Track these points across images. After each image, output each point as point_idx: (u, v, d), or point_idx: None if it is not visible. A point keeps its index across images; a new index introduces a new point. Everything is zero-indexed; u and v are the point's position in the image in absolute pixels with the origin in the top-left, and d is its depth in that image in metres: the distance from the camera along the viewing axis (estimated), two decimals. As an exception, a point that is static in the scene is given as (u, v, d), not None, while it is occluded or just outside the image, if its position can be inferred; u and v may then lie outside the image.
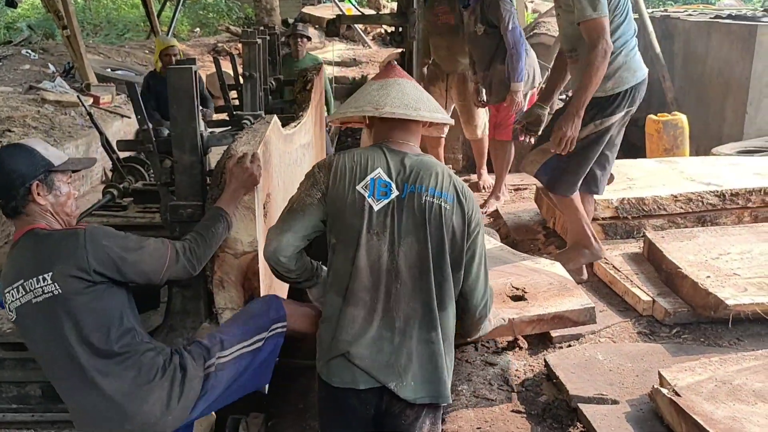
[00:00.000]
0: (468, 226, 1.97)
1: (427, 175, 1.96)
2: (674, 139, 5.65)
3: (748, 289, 2.98)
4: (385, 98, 2.00)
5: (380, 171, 1.96)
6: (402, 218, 1.92)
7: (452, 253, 1.95)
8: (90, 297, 1.97)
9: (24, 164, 2.04)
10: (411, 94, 2.02)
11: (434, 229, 1.93)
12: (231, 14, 17.88)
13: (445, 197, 1.94)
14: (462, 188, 1.99)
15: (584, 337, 3.10)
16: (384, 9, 16.80)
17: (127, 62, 10.83)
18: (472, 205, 1.99)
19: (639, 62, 3.40)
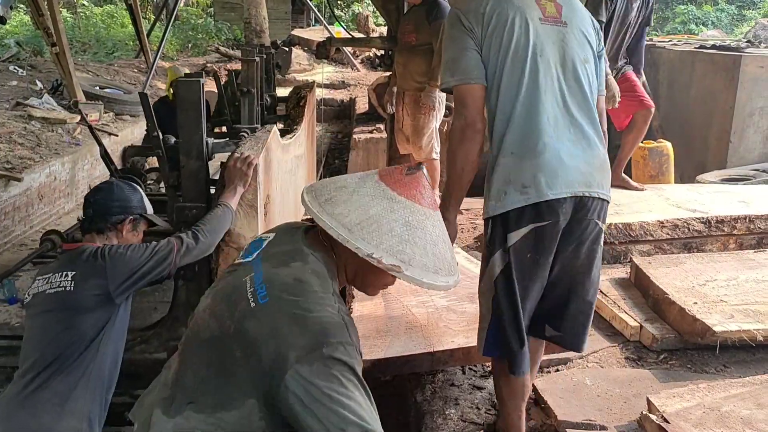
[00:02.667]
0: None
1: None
2: (660, 165, 5.71)
3: (735, 316, 3.00)
4: (413, 248, 1.48)
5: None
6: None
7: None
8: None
9: (130, 200, 2.46)
10: (437, 248, 1.52)
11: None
12: (220, 35, 17.98)
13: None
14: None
15: (572, 362, 3.10)
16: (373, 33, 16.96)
17: (116, 80, 10.82)
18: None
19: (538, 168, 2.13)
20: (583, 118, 2.18)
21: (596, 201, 2.19)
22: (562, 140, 2.14)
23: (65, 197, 7.03)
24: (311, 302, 1.43)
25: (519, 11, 2.18)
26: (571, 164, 2.12)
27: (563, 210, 2.12)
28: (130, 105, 9.23)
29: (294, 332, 1.38)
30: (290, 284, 1.46)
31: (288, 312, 1.41)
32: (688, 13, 22.41)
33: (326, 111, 11.40)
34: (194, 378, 1.49)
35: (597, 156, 2.20)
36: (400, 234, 1.48)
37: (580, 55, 2.22)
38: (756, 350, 3.01)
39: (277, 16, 19.62)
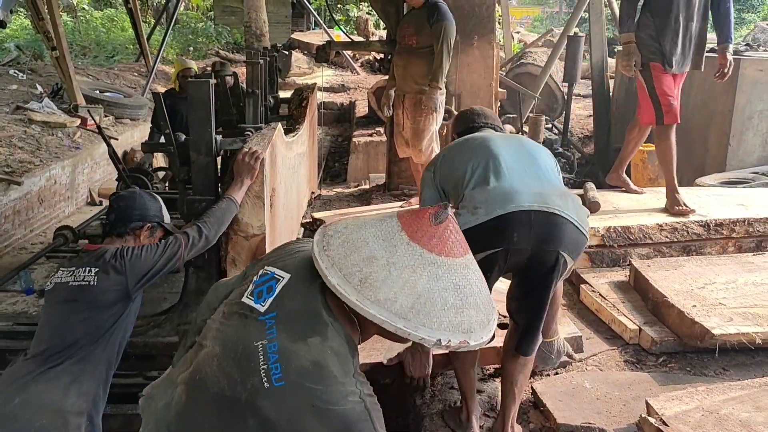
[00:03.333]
0: None
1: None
2: (659, 169, 5.71)
3: (734, 319, 3.01)
4: (469, 312, 1.34)
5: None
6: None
7: None
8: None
9: (150, 209, 2.68)
10: (484, 292, 1.40)
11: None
12: (220, 39, 18.00)
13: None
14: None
15: (571, 365, 3.10)
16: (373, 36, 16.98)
17: (116, 84, 10.84)
18: None
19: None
20: (538, 171, 2.45)
21: (560, 225, 2.26)
22: (515, 177, 2.37)
23: (65, 201, 7.03)
24: (331, 392, 1.33)
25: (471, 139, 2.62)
26: (523, 189, 2.31)
27: (514, 238, 2.24)
28: (130, 108, 9.25)
29: (315, 428, 1.31)
30: (308, 369, 1.34)
31: (307, 403, 1.32)
32: (687, 16, 22.39)
33: (326, 114, 11.42)
34: (203, 424, 1.42)
35: (556, 189, 2.41)
36: (454, 303, 1.32)
37: (529, 143, 2.65)
38: (755, 353, 3.01)
39: (277, 20, 19.65)
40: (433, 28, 4.98)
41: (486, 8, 5.92)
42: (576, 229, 2.31)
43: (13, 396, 2.26)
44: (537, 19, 29.36)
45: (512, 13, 22.18)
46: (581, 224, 2.33)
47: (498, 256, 2.28)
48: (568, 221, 2.29)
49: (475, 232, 2.20)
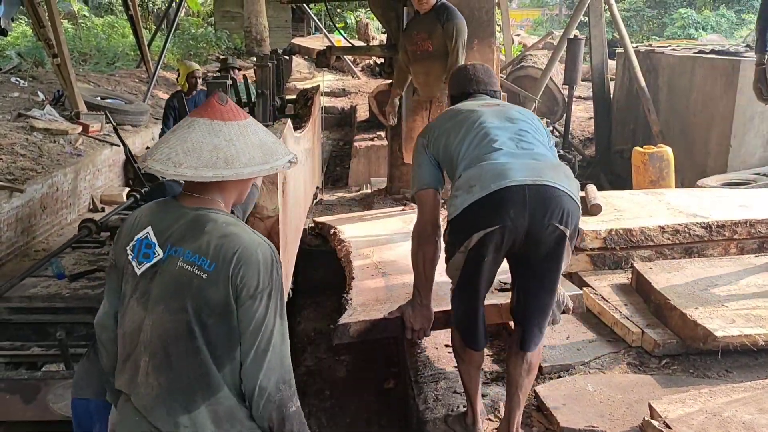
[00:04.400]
0: (235, 298, 1.64)
1: (193, 236, 1.68)
2: (660, 171, 5.72)
3: (736, 321, 3.00)
4: (163, 145, 1.71)
5: (149, 230, 1.73)
6: (156, 285, 1.69)
7: (210, 331, 1.65)
8: None
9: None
10: (189, 142, 1.68)
11: (187, 300, 1.64)
12: (220, 44, 18.03)
13: (202, 264, 1.64)
14: (235, 252, 1.64)
15: (574, 368, 3.10)
16: (373, 41, 17.01)
17: (117, 90, 10.86)
18: (246, 272, 1.64)
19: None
20: (531, 144, 2.45)
21: (553, 197, 2.27)
22: (508, 152, 2.38)
23: (67, 208, 7.04)
24: (247, 247, 1.66)
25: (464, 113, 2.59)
26: (515, 164, 2.32)
27: (510, 215, 2.25)
28: (132, 115, 9.26)
29: (249, 276, 1.65)
30: (222, 243, 1.65)
31: (236, 264, 1.64)
32: (687, 17, 22.45)
33: (327, 119, 11.43)
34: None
35: (549, 161, 2.42)
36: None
37: (520, 115, 2.58)
38: (758, 355, 3.01)
39: (277, 25, 19.68)
40: (444, 28, 4.99)
41: (486, 12, 5.93)
42: (571, 200, 2.31)
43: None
44: (537, 22, 29.37)
45: (512, 16, 22.21)
46: (574, 194, 2.34)
47: (495, 236, 2.28)
48: (562, 192, 2.29)
49: (472, 211, 2.28)
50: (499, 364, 3.30)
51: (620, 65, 9.20)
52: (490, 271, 2.42)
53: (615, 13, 8.83)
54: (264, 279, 1.66)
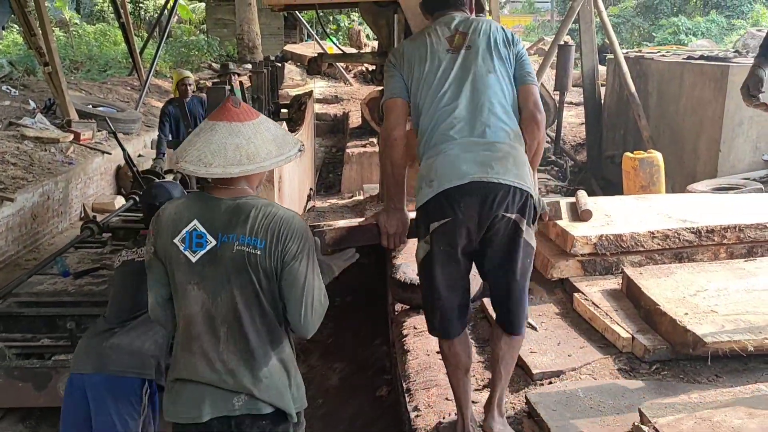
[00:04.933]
0: (283, 265, 2.02)
1: (240, 222, 2.01)
2: (650, 176, 5.75)
3: (726, 326, 3.01)
4: (190, 148, 2.02)
5: (196, 222, 2.03)
6: (215, 269, 2.01)
7: (267, 295, 2.04)
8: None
9: (175, 195, 3.16)
10: (214, 144, 2.00)
11: (252, 274, 2.01)
12: (212, 51, 18.04)
13: (255, 243, 1.99)
14: (280, 226, 2.01)
15: (565, 374, 3.11)
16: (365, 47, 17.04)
17: (109, 99, 10.85)
18: (289, 240, 2.02)
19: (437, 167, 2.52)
20: (487, 121, 2.53)
21: (501, 193, 2.43)
22: (460, 142, 2.51)
23: (58, 216, 7.02)
24: (289, 219, 2.05)
25: (429, 50, 2.64)
26: (467, 158, 2.47)
27: (461, 207, 2.44)
28: (123, 123, 9.25)
29: (291, 243, 2.03)
30: (271, 221, 2.02)
31: (282, 236, 2.02)
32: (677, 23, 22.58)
33: (320, 125, 11.45)
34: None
35: (498, 150, 2.50)
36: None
37: (483, 67, 2.59)
38: (748, 360, 3.02)
39: (269, 32, 19.70)
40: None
41: (476, 19, 5.96)
42: (517, 189, 2.45)
43: (103, 342, 2.93)
44: (529, 28, 29.50)
45: (504, 22, 22.29)
46: (520, 182, 2.46)
47: (451, 225, 2.47)
48: (506, 185, 2.44)
49: (431, 204, 2.50)
50: (491, 370, 3.30)
51: (610, 71, 9.25)
52: (454, 264, 2.55)
53: (605, 20, 8.89)
54: (302, 244, 2.04)
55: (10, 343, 4.04)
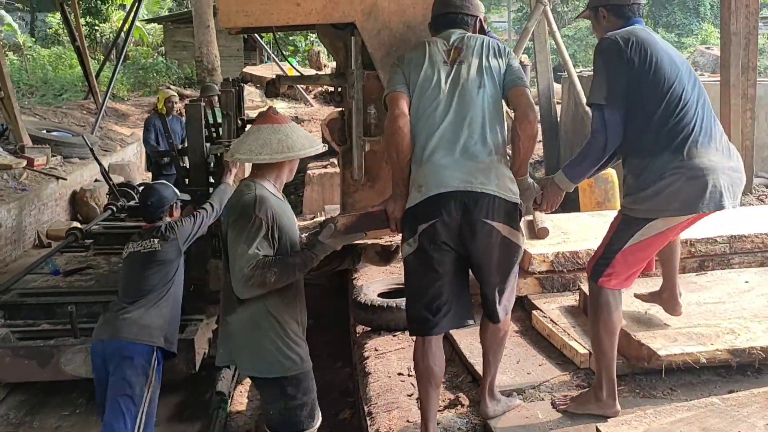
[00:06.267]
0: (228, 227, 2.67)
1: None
2: (605, 192, 5.86)
3: (678, 339, 3.07)
4: (242, 145, 2.74)
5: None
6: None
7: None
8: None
9: (168, 194, 4.04)
10: (261, 140, 2.69)
11: (225, 237, 2.70)
12: (171, 74, 17.88)
13: (225, 214, 2.76)
14: (234, 201, 2.69)
15: (524, 392, 3.12)
16: (325, 68, 17.09)
17: (64, 123, 10.67)
18: (230, 207, 2.71)
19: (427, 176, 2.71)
20: (472, 135, 2.72)
21: (482, 200, 2.63)
22: (447, 153, 2.70)
23: (11, 244, 6.85)
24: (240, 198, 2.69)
25: (428, 58, 2.84)
26: (451, 168, 2.68)
27: (447, 210, 2.64)
28: (79, 147, 9.11)
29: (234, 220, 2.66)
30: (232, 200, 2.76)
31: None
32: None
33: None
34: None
35: (480, 162, 2.69)
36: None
37: (473, 83, 2.77)
38: (701, 372, 3.08)
39: (229, 54, 19.65)
40: None
41: (432, 40, 6.04)
42: (497, 198, 2.65)
43: (118, 316, 3.57)
44: (487, 47, 29.92)
45: (462, 42, 22.57)
46: (502, 192, 2.66)
47: (438, 225, 2.65)
48: (487, 194, 2.64)
49: (419, 208, 2.69)
50: (452, 390, 3.31)
51: (565, 90, 9.43)
52: (437, 263, 2.69)
53: (558, 40, 9.06)
54: (237, 218, 2.62)
55: (13, 328, 4.67)
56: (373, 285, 4.47)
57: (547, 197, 2.97)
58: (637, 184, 2.73)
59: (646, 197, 2.70)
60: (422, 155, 2.75)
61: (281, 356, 2.67)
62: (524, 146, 2.75)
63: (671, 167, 2.65)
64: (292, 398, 2.71)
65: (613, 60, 2.73)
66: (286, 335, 2.70)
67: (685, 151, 2.65)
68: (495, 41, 2.95)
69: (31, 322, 4.78)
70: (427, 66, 2.82)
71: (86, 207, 8.39)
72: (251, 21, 5.85)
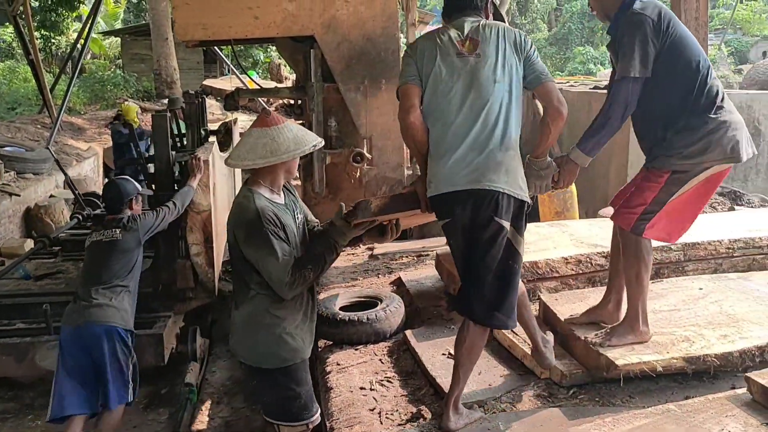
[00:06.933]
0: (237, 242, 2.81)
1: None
2: (564, 202, 5.93)
3: (636, 348, 3.11)
4: (236, 150, 2.84)
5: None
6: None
7: (237, 257, 2.86)
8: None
9: (130, 188, 4.29)
10: (249, 144, 2.78)
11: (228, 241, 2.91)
12: (129, 87, 17.62)
13: (228, 221, 2.86)
14: (236, 212, 2.82)
15: (486, 404, 3.13)
16: (286, 80, 17.03)
17: (18, 138, 10.42)
18: (235, 224, 2.81)
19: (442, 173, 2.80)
20: (485, 130, 2.76)
21: (490, 198, 2.71)
22: (458, 150, 2.76)
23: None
24: (241, 205, 2.84)
25: (440, 50, 2.84)
26: (461, 165, 2.75)
27: (457, 210, 2.76)
28: (33, 163, 8.90)
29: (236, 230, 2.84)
30: (233, 208, 2.89)
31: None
32: (586, 53, 23.60)
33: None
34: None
35: (492, 158, 2.74)
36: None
37: (490, 77, 2.78)
38: (658, 379, 3.12)
39: (189, 66, 19.46)
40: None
41: (391, 53, 6.07)
42: (505, 195, 2.73)
43: (88, 305, 3.92)
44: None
45: (423, 54, 22.71)
46: (511, 189, 2.74)
47: (452, 224, 2.81)
48: (496, 191, 2.72)
49: (432, 202, 2.87)
50: (414, 403, 3.29)
51: (524, 101, 9.53)
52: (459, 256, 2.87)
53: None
54: (244, 233, 2.78)
55: None
56: (334, 298, 4.45)
57: (563, 174, 3.11)
58: (684, 142, 2.98)
59: (697, 151, 2.97)
60: (435, 151, 2.83)
61: (276, 348, 2.83)
62: (553, 136, 2.90)
63: (715, 123, 2.95)
64: (286, 389, 2.88)
65: (648, 33, 2.89)
66: (283, 330, 2.84)
67: (719, 109, 2.98)
68: (513, 30, 2.93)
69: (6, 322, 4.99)
70: (440, 58, 2.82)
71: (41, 223, 8.18)
72: (209, 34, 5.82)
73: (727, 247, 4.33)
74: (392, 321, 4.14)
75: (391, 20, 6.02)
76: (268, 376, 2.91)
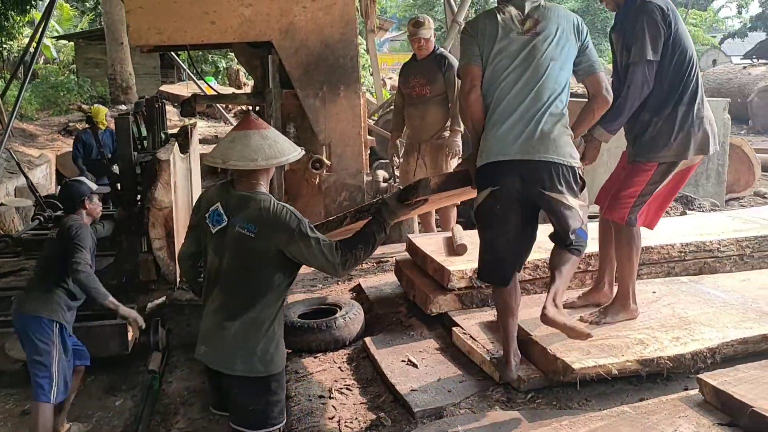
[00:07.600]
0: (277, 246, 2.68)
1: (242, 209, 2.71)
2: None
3: (591, 352, 3.15)
4: (231, 151, 2.71)
5: (218, 204, 2.76)
6: (225, 239, 2.73)
7: (260, 263, 2.71)
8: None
9: (82, 188, 4.29)
10: (252, 145, 2.70)
11: (240, 248, 2.70)
12: (83, 92, 17.26)
13: (250, 228, 2.68)
14: (269, 217, 2.67)
15: (445, 410, 3.13)
16: (245, 86, 16.89)
17: (-35, 144, 10.09)
18: (271, 229, 2.67)
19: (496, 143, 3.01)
20: (538, 106, 2.94)
21: (540, 169, 2.90)
22: (509, 122, 2.95)
23: None
24: (272, 209, 2.70)
25: (502, 28, 3.02)
26: (512, 136, 2.94)
27: (505, 180, 2.94)
28: (-19, 170, 8.64)
29: (279, 233, 2.67)
30: (257, 213, 2.68)
31: (269, 225, 2.68)
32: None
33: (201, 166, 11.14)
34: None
35: (541, 131, 2.92)
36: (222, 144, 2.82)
37: (547, 56, 2.96)
38: (614, 382, 3.17)
39: (145, 71, 19.14)
40: (446, 77, 5.46)
41: (350, 59, 6.06)
42: (556, 164, 2.91)
43: (24, 294, 4.15)
44: (407, 66, 30.28)
45: (383, 60, 22.80)
46: (561, 158, 2.92)
47: (498, 192, 2.97)
48: (545, 162, 2.90)
49: (480, 172, 3.05)
50: (374, 411, 3.28)
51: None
52: (504, 221, 3.03)
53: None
54: (289, 232, 2.67)
55: None
56: (293, 306, 4.41)
57: (589, 151, 3.34)
58: (669, 133, 3.27)
59: (680, 143, 3.27)
60: (490, 120, 3.01)
61: (275, 354, 2.79)
62: (594, 117, 3.14)
63: (696, 116, 3.27)
64: (274, 394, 2.80)
65: (658, 22, 3.15)
66: (279, 336, 2.85)
67: (701, 103, 3.29)
68: (572, 14, 3.12)
69: None
70: (502, 36, 2.99)
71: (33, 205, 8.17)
72: (164, 39, 5.72)
73: (680, 251, 4.42)
74: (352, 328, 4.13)
75: (350, 26, 6.01)
76: (262, 384, 2.75)
